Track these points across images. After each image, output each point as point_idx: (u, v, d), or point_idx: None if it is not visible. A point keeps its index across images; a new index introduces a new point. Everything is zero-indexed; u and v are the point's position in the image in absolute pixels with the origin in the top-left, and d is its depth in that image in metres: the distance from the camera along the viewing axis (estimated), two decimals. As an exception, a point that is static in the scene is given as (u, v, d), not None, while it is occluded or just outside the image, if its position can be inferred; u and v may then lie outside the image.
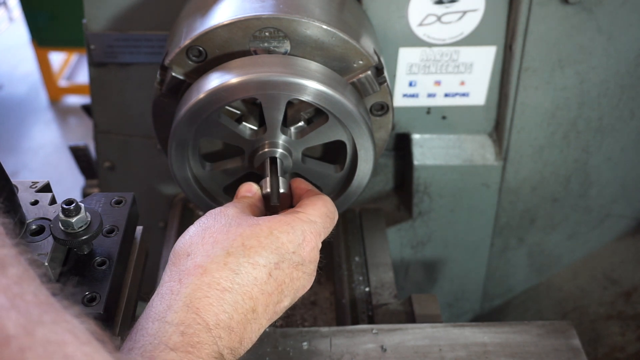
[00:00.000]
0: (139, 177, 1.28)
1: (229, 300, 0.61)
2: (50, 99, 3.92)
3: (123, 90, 1.17)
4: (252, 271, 0.64)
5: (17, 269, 0.39)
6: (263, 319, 0.65)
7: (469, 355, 0.82)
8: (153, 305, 0.61)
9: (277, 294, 0.66)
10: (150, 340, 0.56)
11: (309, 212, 0.73)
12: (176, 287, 0.61)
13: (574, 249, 1.32)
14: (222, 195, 0.92)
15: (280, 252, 0.67)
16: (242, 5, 0.82)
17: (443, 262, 1.29)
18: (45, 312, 0.38)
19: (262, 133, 0.84)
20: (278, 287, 0.66)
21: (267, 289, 0.65)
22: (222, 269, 0.63)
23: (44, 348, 0.35)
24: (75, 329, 0.38)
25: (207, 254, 0.64)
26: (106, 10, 1.07)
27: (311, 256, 0.71)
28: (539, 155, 1.15)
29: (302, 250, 0.69)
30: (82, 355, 0.37)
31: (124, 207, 0.74)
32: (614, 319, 1.27)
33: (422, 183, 1.16)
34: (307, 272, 0.71)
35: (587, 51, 1.03)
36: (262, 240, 0.66)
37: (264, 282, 0.64)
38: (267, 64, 0.79)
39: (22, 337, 0.34)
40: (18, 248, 0.41)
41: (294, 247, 0.68)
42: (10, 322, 0.35)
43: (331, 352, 0.82)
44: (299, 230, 0.70)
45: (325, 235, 0.75)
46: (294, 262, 0.68)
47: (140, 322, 0.59)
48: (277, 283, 0.66)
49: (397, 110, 1.11)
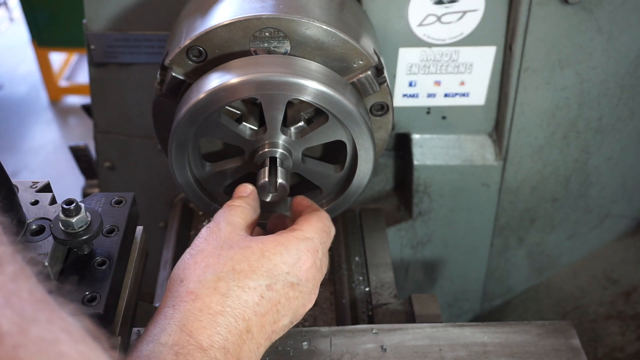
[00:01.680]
0: (139, 177, 1.28)
1: (222, 323, 0.63)
2: (50, 99, 3.93)
3: (123, 90, 1.17)
4: (242, 294, 0.65)
5: (14, 267, 0.39)
6: (260, 339, 0.67)
7: (469, 355, 0.82)
8: (148, 330, 0.63)
9: (272, 314, 0.68)
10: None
11: (305, 229, 0.74)
12: (170, 313, 0.63)
13: (574, 249, 1.32)
14: (222, 195, 0.92)
15: (273, 273, 0.68)
16: (242, 5, 0.82)
17: (443, 262, 1.29)
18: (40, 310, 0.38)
19: (262, 133, 0.84)
20: (272, 307, 0.67)
21: (260, 310, 0.66)
22: (212, 294, 0.64)
23: (37, 346, 0.35)
24: (70, 327, 0.39)
25: (198, 280, 0.66)
26: (106, 10, 1.07)
27: (308, 275, 0.71)
28: (539, 155, 1.15)
29: (297, 270, 0.70)
30: (76, 354, 0.37)
31: (124, 207, 0.74)
32: (614, 318, 1.27)
33: (422, 183, 1.16)
34: (305, 291, 0.71)
35: (587, 51, 1.03)
36: (252, 263, 0.68)
37: (255, 304, 0.66)
38: (267, 64, 0.79)
39: (16, 335, 0.34)
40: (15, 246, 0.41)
41: (288, 268, 0.69)
42: (4, 319, 0.35)
43: (331, 352, 0.82)
44: (294, 250, 0.71)
45: (323, 250, 0.75)
46: (289, 282, 0.69)
47: (135, 345, 0.61)
48: (270, 304, 0.67)
49: (397, 110, 1.11)
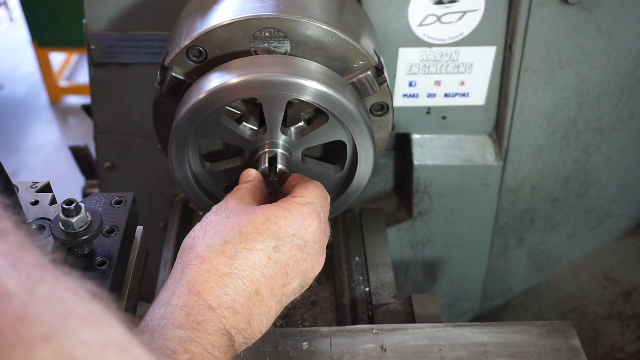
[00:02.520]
0: (139, 177, 1.28)
1: (229, 284, 0.64)
2: (50, 99, 3.92)
3: (123, 90, 1.17)
4: (250, 256, 0.66)
5: (17, 238, 0.39)
6: (271, 301, 0.68)
7: (469, 355, 0.82)
8: (159, 294, 0.65)
9: (282, 276, 0.68)
10: (158, 322, 0.60)
11: (304, 195, 0.74)
12: (178, 276, 0.65)
13: (574, 249, 1.32)
14: (222, 195, 0.92)
15: (278, 235, 0.69)
16: (242, 5, 0.82)
17: (443, 262, 1.29)
18: (46, 273, 0.38)
19: (262, 133, 0.84)
20: (281, 269, 0.68)
21: (268, 272, 0.67)
22: (219, 256, 0.66)
23: (45, 304, 0.35)
24: (76, 288, 0.39)
25: (206, 245, 0.67)
26: (106, 10, 1.07)
27: (314, 237, 0.72)
28: (539, 155, 1.15)
29: (303, 232, 0.71)
30: (83, 310, 0.37)
31: (124, 207, 0.74)
32: (614, 318, 1.27)
33: (422, 183, 1.16)
34: (312, 252, 0.72)
35: (587, 51, 1.03)
36: (258, 226, 0.69)
37: (263, 266, 0.67)
38: (267, 64, 0.79)
39: (23, 294, 0.35)
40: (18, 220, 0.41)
41: (294, 230, 0.70)
42: (11, 280, 0.35)
43: (331, 352, 0.82)
44: (297, 212, 0.71)
45: (324, 215, 0.75)
46: (296, 244, 0.70)
47: (148, 310, 0.63)
48: (279, 266, 0.68)
49: (397, 110, 1.11)
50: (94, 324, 0.37)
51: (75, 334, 0.35)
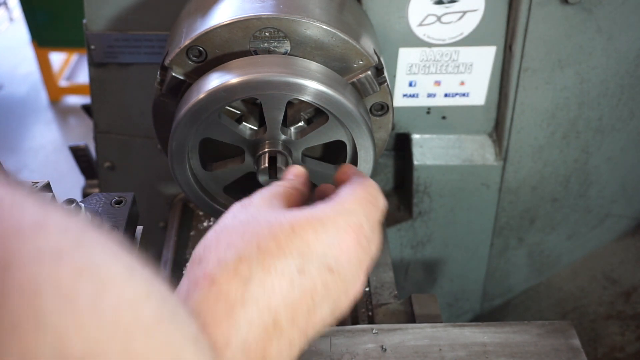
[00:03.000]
0: (139, 177, 1.28)
1: (241, 316, 0.52)
2: (50, 99, 3.92)
3: (123, 90, 1.17)
4: (268, 279, 0.53)
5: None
6: (292, 334, 0.54)
7: (469, 355, 0.82)
8: None
9: (306, 303, 0.55)
10: None
11: (345, 200, 0.61)
12: (183, 297, 0.55)
13: (574, 249, 1.32)
14: (222, 196, 0.92)
15: (304, 253, 0.56)
16: (242, 5, 0.82)
17: (443, 262, 1.29)
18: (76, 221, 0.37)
19: (262, 133, 0.84)
20: (305, 295, 0.55)
21: (290, 299, 0.54)
22: (231, 280, 0.53)
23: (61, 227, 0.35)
24: (106, 235, 0.38)
25: (218, 261, 0.55)
26: (106, 10, 1.07)
27: (350, 256, 0.58)
28: (539, 155, 1.15)
29: (336, 250, 0.57)
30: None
31: (124, 207, 0.74)
32: (614, 318, 1.27)
33: (422, 183, 1.16)
34: (347, 275, 0.58)
35: (587, 51, 1.03)
36: (281, 241, 0.55)
37: (284, 290, 0.54)
38: (267, 64, 0.79)
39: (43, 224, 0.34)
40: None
41: (325, 247, 0.57)
42: (27, 215, 0.34)
43: (331, 352, 0.82)
44: (330, 224, 0.58)
45: (370, 226, 0.61)
46: (326, 264, 0.56)
47: None
48: (303, 292, 0.55)
49: (397, 110, 1.11)
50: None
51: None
